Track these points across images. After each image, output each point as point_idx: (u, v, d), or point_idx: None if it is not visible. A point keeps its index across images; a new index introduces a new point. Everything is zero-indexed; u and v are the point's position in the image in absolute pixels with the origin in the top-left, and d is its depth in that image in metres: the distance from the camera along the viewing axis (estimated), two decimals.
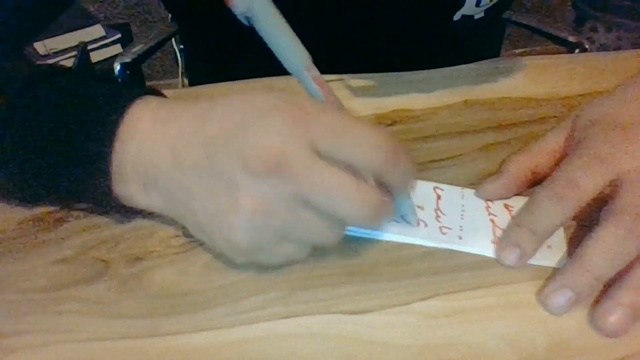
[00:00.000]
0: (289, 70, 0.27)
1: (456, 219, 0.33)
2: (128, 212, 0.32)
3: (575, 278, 0.28)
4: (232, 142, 0.26)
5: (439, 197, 0.35)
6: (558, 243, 0.31)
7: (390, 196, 0.28)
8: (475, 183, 0.36)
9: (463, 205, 0.34)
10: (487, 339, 0.27)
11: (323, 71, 0.29)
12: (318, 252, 0.31)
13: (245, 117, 0.26)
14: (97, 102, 0.30)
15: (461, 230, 0.32)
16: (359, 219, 0.27)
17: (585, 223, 0.32)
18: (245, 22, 0.28)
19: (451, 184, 0.36)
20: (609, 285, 0.28)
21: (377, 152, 0.26)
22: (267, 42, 0.25)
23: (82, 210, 0.34)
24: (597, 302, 0.28)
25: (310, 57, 0.26)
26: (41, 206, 0.34)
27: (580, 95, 0.46)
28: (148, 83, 1.67)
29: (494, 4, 0.49)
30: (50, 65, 0.34)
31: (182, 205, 0.28)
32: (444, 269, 0.30)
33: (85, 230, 0.33)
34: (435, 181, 0.36)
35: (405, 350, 0.26)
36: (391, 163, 0.26)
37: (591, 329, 0.27)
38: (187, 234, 0.32)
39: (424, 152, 0.39)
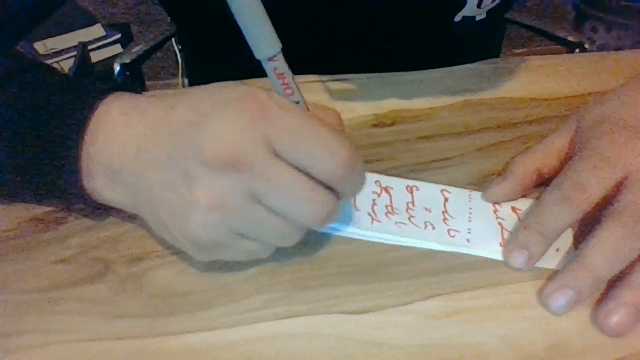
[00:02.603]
0: (257, 58, 0.26)
1: (464, 222, 0.33)
2: (100, 210, 0.31)
3: (576, 278, 0.28)
4: (191, 135, 0.26)
5: (446, 199, 0.35)
6: (566, 246, 0.31)
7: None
8: (475, 183, 0.36)
9: (471, 209, 0.34)
10: (487, 339, 0.27)
11: (324, 71, 0.29)
12: (318, 252, 0.31)
13: (206, 110, 0.26)
14: (67, 97, 0.30)
15: (469, 233, 0.32)
16: (309, 220, 0.26)
17: (588, 223, 0.32)
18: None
19: (451, 184, 0.36)
20: (612, 285, 0.28)
21: (332, 160, 0.25)
22: (240, 26, 0.25)
23: (78, 212, 0.34)
24: (599, 302, 0.28)
25: (279, 48, 0.25)
26: (43, 206, 0.34)
27: (580, 95, 0.46)
28: (148, 83, 1.68)
29: (495, 5, 0.48)
30: (27, 59, 0.34)
31: (145, 200, 0.28)
32: (444, 269, 0.30)
33: (85, 230, 0.33)
34: (435, 181, 0.36)
35: (405, 350, 0.26)
36: (345, 173, 0.26)
37: (591, 329, 0.27)
38: None
39: (424, 152, 0.39)
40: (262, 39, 0.25)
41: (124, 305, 0.28)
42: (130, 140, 0.28)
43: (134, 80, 0.84)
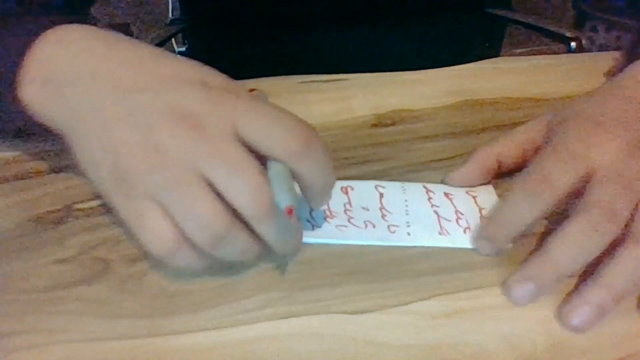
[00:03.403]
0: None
1: (402, 216, 0.34)
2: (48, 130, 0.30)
3: (538, 272, 0.28)
4: (162, 91, 0.26)
5: (381, 195, 0.35)
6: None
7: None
8: None
9: (406, 200, 0.35)
10: (487, 339, 0.27)
11: (324, 71, 0.29)
12: (318, 252, 0.31)
13: (181, 75, 0.26)
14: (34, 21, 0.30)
15: (408, 226, 0.33)
16: (244, 208, 0.25)
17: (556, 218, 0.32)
18: None
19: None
20: (582, 279, 0.28)
21: (288, 139, 0.25)
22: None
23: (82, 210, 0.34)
24: (565, 299, 0.28)
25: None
26: (43, 206, 0.34)
27: (580, 95, 0.46)
28: None
29: None
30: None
31: (90, 122, 0.26)
32: (444, 269, 0.30)
33: (85, 230, 0.33)
34: (435, 181, 0.36)
35: (405, 350, 0.26)
36: (301, 154, 0.26)
37: (591, 329, 0.27)
38: None
39: (424, 152, 0.39)
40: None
41: (124, 305, 0.28)
42: (88, 61, 0.27)
43: None
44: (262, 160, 0.26)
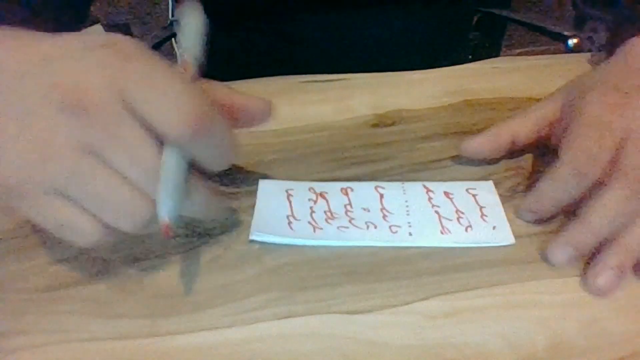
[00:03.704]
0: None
1: (403, 216, 0.34)
2: None
3: (577, 237, 0.29)
4: (47, 70, 0.24)
5: (381, 196, 0.35)
6: (501, 224, 0.33)
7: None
8: None
9: (407, 201, 0.35)
10: (487, 339, 0.27)
11: (325, 70, 0.29)
12: (318, 252, 0.31)
13: (71, 49, 0.24)
14: None
15: (410, 226, 0.33)
16: (138, 178, 0.24)
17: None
18: None
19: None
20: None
21: (177, 119, 0.23)
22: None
23: None
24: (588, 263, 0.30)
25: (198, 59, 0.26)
26: None
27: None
28: None
29: None
30: None
31: None
32: (444, 269, 0.30)
33: None
34: (435, 181, 0.36)
35: (405, 350, 0.26)
36: (191, 136, 0.23)
37: (591, 329, 0.27)
38: (186, 234, 0.32)
39: (424, 152, 0.39)
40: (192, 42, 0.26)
41: (124, 305, 0.28)
42: None
43: None
44: None
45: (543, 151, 0.38)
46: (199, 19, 0.27)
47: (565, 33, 0.78)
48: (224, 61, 0.57)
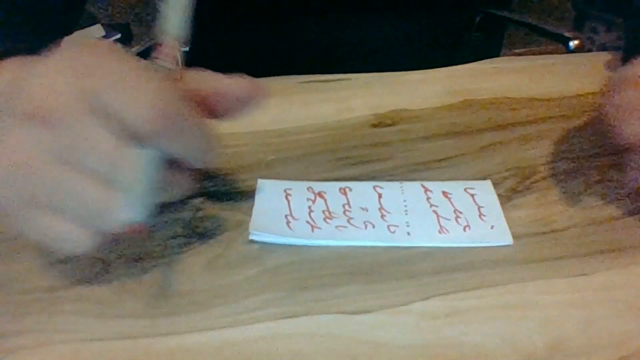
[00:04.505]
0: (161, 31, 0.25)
1: (401, 215, 0.34)
2: None
3: None
4: (16, 88, 0.23)
5: (380, 195, 0.35)
6: (499, 224, 0.33)
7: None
8: None
9: (405, 201, 0.35)
10: (487, 339, 0.27)
11: (325, 71, 0.29)
12: (318, 252, 0.31)
13: (41, 65, 0.24)
14: None
15: (408, 226, 0.33)
16: (125, 182, 0.23)
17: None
18: None
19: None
20: None
21: (144, 112, 0.22)
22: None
23: None
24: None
25: (181, 36, 0.25)
26: None
27: (580, 95, 0.46)
28: None
29: None
30: None
31: None
32: (444, 269, 0.30)
33: None
34: (435, 181, 0.36)
35: (405, 350, 0.26)
36: (158, 129, 0.22)
37: (591, 329, 0.27)
38: (186, 234, 0.32)
39: (424, 152, 0.39)
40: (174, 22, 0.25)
41: (124, 305, 0.28)
42: None
43: None
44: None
45: (543, 151, 0.38)
46: None
47: (566, 34, 0.78)
48: (224, 61, 0.57)
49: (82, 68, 0.23)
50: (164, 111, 0.22)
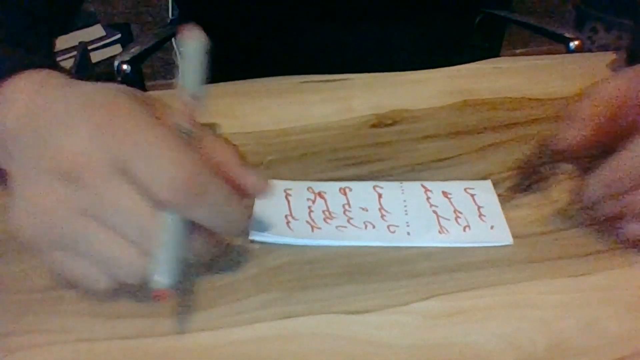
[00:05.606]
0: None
1: (401, 216, 0.34)
2: None
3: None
4: (45, 140, 0.25)
5: (380, 195, 0.35)
6: (499, 224, 0.33)
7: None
8: None
9: (405, 201, 0.35)
10: (487, 339, 0.27)
11: (325, 70, 0.29)
12: (318, 252, 0.31)
13: (68, 115, 0.25)
14: None
15: (408, 226, 0.33)
16: (143, 241, 0.24)
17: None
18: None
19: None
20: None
21: (169, 182, 0.23)
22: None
23: None
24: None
25: (199, 92, 0.26)
26: None
27: (580, 95, 0.45)
28: (148, 83, 1.68)
29: None
30: None
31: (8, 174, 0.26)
32: (444, 269, 0.30)
33: None
34: (435, 181, 0.36)
35: (405, 350, 0.26)
36: (183, 198, 0.23)
37: (591, 329, 0.27)
38: None
39: (424, 152, 0.39)
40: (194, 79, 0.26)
41: (124, 305, 0.28)
42: (22, 116, 0.27)
43: (132, 78, 0.83)
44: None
45: (542, 151, 0.38)
46: (200, 49, 0.26)
47: (566, 35, 0.78)
48: (225, 62, 0.57)
49: (108, 130, 0.24)
50: (188, 179, 0.23)
